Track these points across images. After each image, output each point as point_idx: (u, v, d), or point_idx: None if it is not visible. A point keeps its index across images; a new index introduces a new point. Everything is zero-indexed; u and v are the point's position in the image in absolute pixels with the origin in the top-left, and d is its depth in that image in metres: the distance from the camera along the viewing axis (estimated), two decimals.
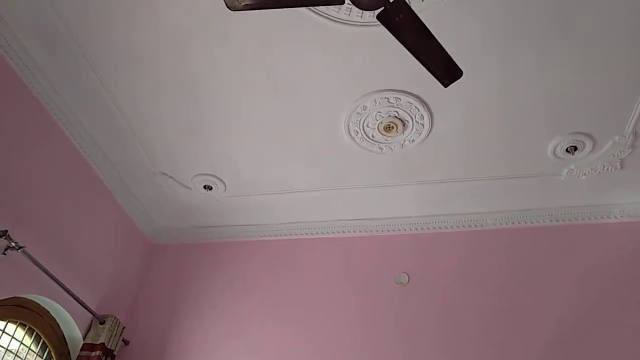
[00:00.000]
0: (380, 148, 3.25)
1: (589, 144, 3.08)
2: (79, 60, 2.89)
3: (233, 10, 1.99)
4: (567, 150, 3.12)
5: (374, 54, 2.69)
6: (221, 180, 3.64)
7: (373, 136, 3.17)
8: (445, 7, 2.41)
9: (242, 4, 1.93)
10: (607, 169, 3.23)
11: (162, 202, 3.92)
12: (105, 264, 3.60)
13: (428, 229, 3.76)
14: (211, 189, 3.69)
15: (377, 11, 1.85)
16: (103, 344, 3.15)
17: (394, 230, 3.81)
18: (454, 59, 2.07)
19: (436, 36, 1.96)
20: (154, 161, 3.55)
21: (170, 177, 3.66)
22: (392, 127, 3.09)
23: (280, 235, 3.97)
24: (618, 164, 3.20)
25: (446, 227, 3.73)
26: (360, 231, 3.85)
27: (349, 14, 2.51)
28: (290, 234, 3.95)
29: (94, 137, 3.39)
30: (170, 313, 3.71)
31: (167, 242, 4.15)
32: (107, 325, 3.25)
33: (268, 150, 3.35)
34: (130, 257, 3.90)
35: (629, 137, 3.02)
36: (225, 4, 1.96)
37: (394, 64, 2.71)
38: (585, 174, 3.29)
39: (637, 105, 2.85)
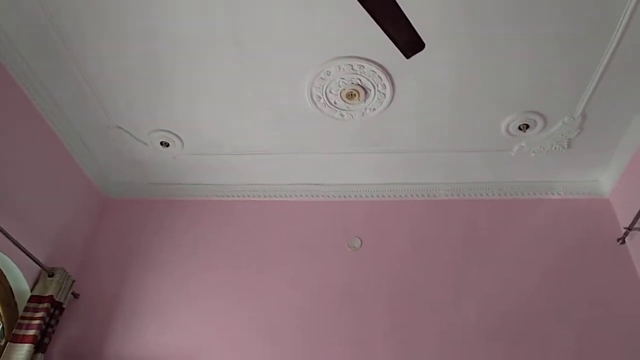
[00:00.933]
0: (342, 115, 3.26)
1: (540, 123, 3.21)
2: (35, 8, 2.72)
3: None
4: (519, 128, 3.24)
5: (341, 19, 2.66)
6: (179, 138, 3.57)
7: (335, 102, 3.17)
8: None
9: None
10: (555, 148, 3.39)
11: (117, 156, 3.82)
12: (56, 217, 3.51)
13: (383, 196, 3.86)
14: (168, 145, 3.62)
15: None
16: (51, 296, 3.11)
17: (350, 197, 3.88)
18: (418, 30, 2.09)
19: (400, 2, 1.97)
20: (110, 114, 3.43)
21: (126, 131, 3.56)
22: (355, 95, 3.11)
23: (236, 196, 3.97)
24: (566, 143, 3.36)
25: (400, 196, 3.84)
26: (317, 196, 3.91)
27: None
28: (246, 196, 3.96)
29: (46, 86, 3.23)
30: (122, 267, 3.69)
31: (120, 197, 4.08)
32: (56, 277, 3.20)
33: (229, 110, 3.30)
34: (82, 211, 3.81)
35: (577, 118, 3.16)
36: None
37: (360, 31, 2.69)
38: (534, 152, 3.44)
39: (588, 89, 2.97)
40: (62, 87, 3.23)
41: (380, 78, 2.98)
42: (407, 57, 2.13)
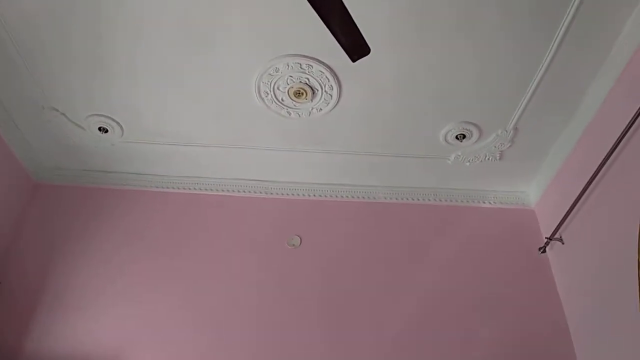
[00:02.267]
0: (288, 112, 3.28)
1: (476, 134, 3.38)
2: None
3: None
4: (456, 137, 3.40)
5: (292, 17, 2.68)
6: (119, 124, 3.45)
7: (282, 100, 3.19)
8: None
9: None
10: (489, 159, 3.58)
11: (51, 140, 3.63)
12: None
13: (324, 196, 3.92)
14: (107, 131, 3.49)
15: None
16: None
17: (291, 195, 3.91)
18: (366, 35, 2.14)
19: (350, 7, 2.01)
20: (45, 95, 3.24)
21: (62, 113, 3.39)
22: (302, 94, 3.13)
23: (175, 187, 3.88)
24: (498, 155, 3.56)
25: (341, 196, 3.91)
26: (258, 192, 3.90)
27: None
28: (186, 188, 3.89)
29: None
30: (50, 256, 3.51)
31: (52, 183, 3.88)
32: None
33: (174, 99, 3.22)
34: (9, 195, 3.59)
35: (510, 132, 3.36)
36: None
37: (311, 31, 2.71)
38: (469, 161, 3.61)
39: (520, 105, 3.17)
40: None
41: (328, 79, 3.03)
42: (353, 60, 2.19)
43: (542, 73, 2.95)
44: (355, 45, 2.08)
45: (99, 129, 3.47)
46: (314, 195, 3.92)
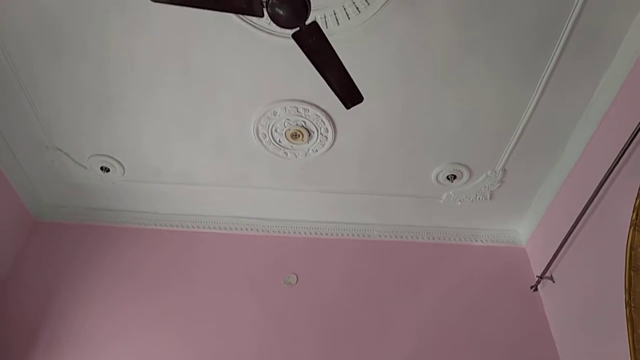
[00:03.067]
0: (286, 153, 3.40)
1: (466, 175, 3.50)
2: None
3: (155, 1, 2.02)
4: (447, 178, 3.51)
5: (289, 64, 2.83)
6: (120, 164, 3.55)
7: (280, 141, 3.31)
8: (355, 36, 2.63)
9: None
10: (479, 198, 3.69)
11: (53, 178, 3.72)
12: None
13: (320, 234, 3.99)
14: (108, 171, 3.59)
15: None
16: None
17: (287, 232, 3.98)
18: (358, 83, 2.30)
19: (344, 59, 2.16)
20: (49, 135, 3.36)
21: (65, 153, 3.50)
22: (299, 136, 3.26)
23: (174, 225, 3.96)
24: (488, 195, 3.67)
25: (336, 234, 3.98)
26: (255, 230, 3.97)
27: (270, 24, 2.62)
28: (185, 226, 3.96)
29: None
30: (47, 293, 3.53)
31: (52, 220, 3.94)
32: None
33: (174, 139, 3.35)
34: (9, 232, 3.65)
35: (498, 173, 3.48)
36: None
37: (307, 77, 2.86)
38: (460, 201, 3.72)
39: (508, 147, 3.31)
40: None
41: (324, 122, 3.16)
42: (347, 107, 2.33)
43: (527, 118, 3.11)
44: (349, 94, 2.22)
45: (101, 168, 3.57)
46: (310, 233, 3.99)
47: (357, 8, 2.49)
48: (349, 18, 2.54)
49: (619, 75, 2.83)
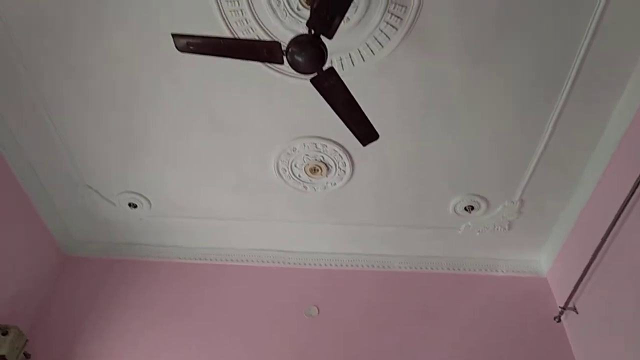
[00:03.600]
0: (305, 187, 3.50)
1: (483, 205, 3.54)
2: (13, 64, 2.87)
3: (181, 52, 2.18)
4: (465, 209, 3.55)
5: (308, 104, 2.94)
6: (147, 200, 3.70)
7: (299, 176, 3.41)
8: (369, 76, 2.75)
9: (190, 48, 2.13)
10: (497, 229, 3.71)
11: (83, 214, 3.88)
12: (12, 272, 3.50)
13: (340, 265, 4.04)
14: (136, 207, 3.74)
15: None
16: (4, 356, 3.05)
17: (308, 265, 4.04)
18: (373, 120, 2.39)
19: (359, 98, 2.27)
20: (80, 173, 3.54)
21: (95, 190, 3.67)
22: (317, 170, 3.36)
23: (198, 259, 4.06)
24: (507, 225, 3.69)
25: (357, 266, 4.03)
26: (277, 262, 4.05)
27: (289, 67, 2.75)
28: (209, 259, 4.06)
29: (18, 140, 3.33)
30: (78, 327, 3.65)
31: (82, 255, 4.09)
32: (10, 336, 3.15)
33: (199, 176, 3.48)
34: (40, 267, 3.80)
35: (516, 203, 3.51)
36: (175, 45, 2.15)
37: (324, 115, 2.93)
38: (479, 231, 3.74)
39: (524, 178, 3.34)
40: (33, 141, 3.33)
41: (341, 157, 3.26)
42: (364, 145, 2.43)
43: (542, 149, 3.14)
44: (365, 133, 2.33)
45: (129, 204, 3.72)
46: (331, 265, 4.05)
47: (371, 50, 2.61)
48: (363, 60, 2.66)
49: (632, 104, 2.86)
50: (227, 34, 2.55)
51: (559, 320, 3.65)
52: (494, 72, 2.74)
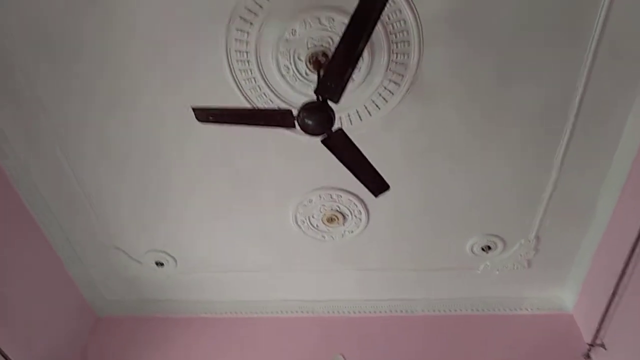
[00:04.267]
0: (323, 236, 3.61)
1: (500, 245, 3.58)
2: (45, 131, 3.05)
3: (201, 122, 2.37)
4: (482, 249, 3.60)
5: (321, 158, 3.05)
6: (173, 257, 3.84)
7: (317, 226, 3.53)
8: (376, 129, 2.90)
9: (210, 119, 2.32)
10: (517, 267, 3.73)
11: (112, 275, 4.04)
12: (46, 333, 3.62)
13: (363, 312, 4.07)
14: (162, 265, 3.88)
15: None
16: None
17: (332, 313, 4.09)
18: (383, 170, 2.52)
19: (367, 150, 2.41)
20: (109, 235, 3.71)
21: (123, 251, 3.83)
22: (334, 219, 3.48)
23: (225, 312, 4.14)
24: (525, 263, 3.71)
25: (379, 311, 4.06)
26: (301, 312, 4.11)
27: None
28: (236, 312, 4.14)
29: (51, 208, 3.52)
30: None
31: (113, 315, 4.21)
32: None
33: (221, 232, 3.62)
34: (72, 328, 3.93)
35: (532, 241, 3.55)
36: (196, 117, 2.35)
37: (337, 167, 3.06)
38: (498, 270, 3.77)
39: (537, 216, 3.39)
40: (63, 205, 3.50)
41: (356, 205, 3.38)
42: (376, 196, 2.55)
43: (552, 187, 3.20)
44: (376, 185, 2.46)
45: (156, 263, 3.87)
46: (354, 312, 4.08)
47: (377, 105, 2.78)
48: (370, 114, 2.83)
49: (636, 135, 2.90)
50: (242, 99, 2.75)
51: (588, 357, 3.59)
52: (497, 115, 2.86)
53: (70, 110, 2.94)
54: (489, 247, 3.59)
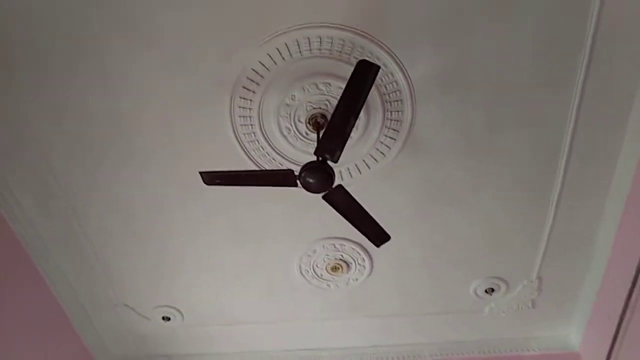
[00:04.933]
0: (328, 285, 3.66)
1: (503, 287, 3.63)
2: (56, 195, 3.15)
3: (208, 185, 2.49)
4: (486, 291, 3.65)
5: (323, 210, 3.16)
6: (179, 312, 3.88)
7: (321, 275, 3.59)
8: (375, 181, 3.01)
9: (216, 181, 2.44)
10: (522, 308, 3.76)
11: (120, 331, 4.06)
12: None
13: (371, 359, 4.07)
14: (169, 319, 3.91)
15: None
16: None
17: None
18: (383, 219, 2.61)
19: (367, 201, 2.50)
20: (117, 293, 3.76)
21: (131, 308, 3.87)
22: (338, 268, 3.54)
23: None
24: (530, 303, 3.74)
25: (387, 358, 4.06)
26: None
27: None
28: None
29: (62, 268, 3.59)
30: None
31: None
32: None
33: (227, 284, 3.67)
34: None
35: (535, 281, 3.59)
36: (203, 180, 2.46)
37: (339, 218, 3.16)
38: (504, 311, 3.80)
39: (538, 256, 3.45)
40: (75, 268, 3.58)
41: (359, 254, 3.46)
42: (377, 246, 2.64)
43: (551, 222, 3.24)
44: (377, 236, 2.55)
45: (163, 317, 3.90)
46: (362, 359, 4.08)
47: (375, 159, 2.91)
48: (369, 168, 2.95)
49: (629, 168, 2.96)
50: (246, 159, 2.88)
51: None
52: (491, 161, 2.96)
53: (80, 171, 3.05)
54: (493, 290, 3.63)
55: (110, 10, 2.35)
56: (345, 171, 2.96)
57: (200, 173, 2.39)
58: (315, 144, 2.52)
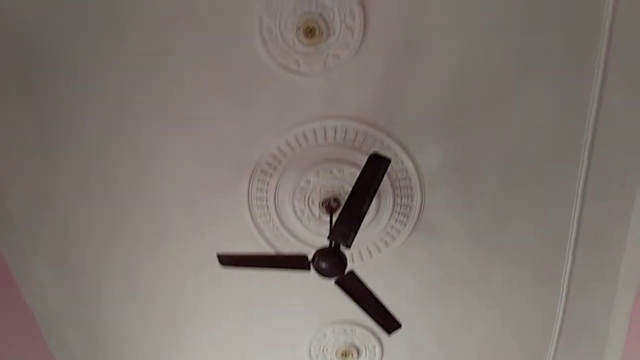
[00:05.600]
0: None
1: None
2: (72, 267, 3.18)
3: (224, 266, 2.55)
4: None
5: (335, 294, 3.13)
6: None
7: None
8: (386, 264, 3.04)
9: (232, 263, 2.50)
10: None
11: None
12: None
13: None
14: None
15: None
16: None
17: None
18: (394, 303, 2.61)
19: (378, 284, 2.53)
20: None
21: None
22: (349, 354, 3.47)
23: None
24: None
25: None
26: None
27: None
28: None
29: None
30: None
31: None
32: None
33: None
34: None
35: None
36: (219, 262, 2.53)
37: (350, 302, 3.21)
38: None
39: (552, 344, 3.35)
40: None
41: (370, 339, 3.41)
42: (389, 334, 2.62)
43: (562, 313, 3.20)
44: (388, 323, 2.54)
45: None
46: None
47: (385, 242, 2.97)
48: (379, 251, 3.00)
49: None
50: (261, 240, 2.95)
51: None
52: (500, 248, 3.00)
53: (96, 245, 3.10)
54: None
55: (150, 90, 2.51)
56: (357, 254, 3.01)
57: (218, 255, 2.46)
58: (328, 225, 2.61)
